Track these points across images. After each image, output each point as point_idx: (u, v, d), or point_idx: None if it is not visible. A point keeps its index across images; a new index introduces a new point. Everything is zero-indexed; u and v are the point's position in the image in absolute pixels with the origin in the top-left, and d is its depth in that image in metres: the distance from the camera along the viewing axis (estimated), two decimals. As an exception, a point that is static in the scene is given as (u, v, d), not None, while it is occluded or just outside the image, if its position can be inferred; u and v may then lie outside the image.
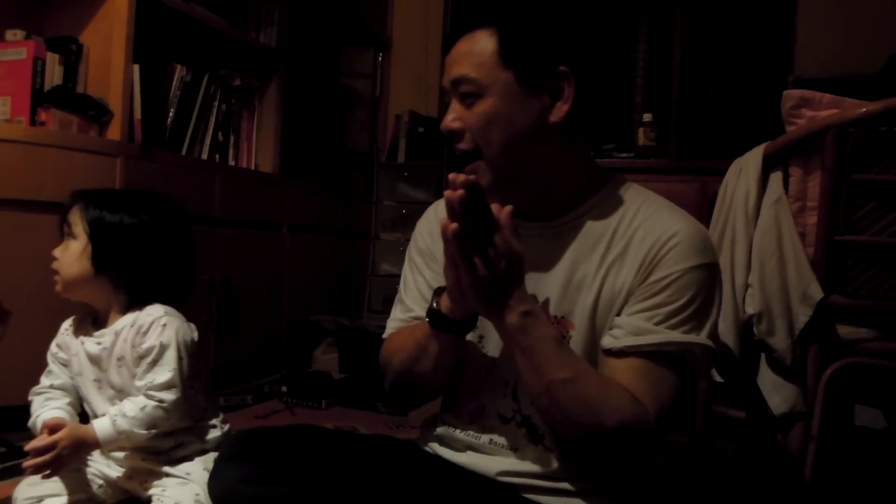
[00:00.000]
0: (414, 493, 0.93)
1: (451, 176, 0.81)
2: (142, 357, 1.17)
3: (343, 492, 0.87)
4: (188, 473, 1.18)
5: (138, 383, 1.16)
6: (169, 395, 1.14)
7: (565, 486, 0.93)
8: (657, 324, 0.88)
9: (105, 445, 1.14)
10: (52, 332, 1.82)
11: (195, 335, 1.24)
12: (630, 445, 0.87)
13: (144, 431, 1.13)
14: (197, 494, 1.13)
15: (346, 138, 3.54)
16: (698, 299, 0.89)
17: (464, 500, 0.94)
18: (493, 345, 0.99)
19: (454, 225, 0.80)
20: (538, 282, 0.95)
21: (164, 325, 1.18)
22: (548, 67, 0.90)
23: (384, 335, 1.11)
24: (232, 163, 2.62)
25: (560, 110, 0.91)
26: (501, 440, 0.97)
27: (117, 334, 1.20)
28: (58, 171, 1.83)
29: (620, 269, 0.92)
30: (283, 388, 2.35)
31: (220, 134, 2.54)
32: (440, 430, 1.04)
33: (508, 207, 0.84)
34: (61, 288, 1.22)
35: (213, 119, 2.50)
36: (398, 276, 1.15)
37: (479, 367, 1.00)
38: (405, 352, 1.00)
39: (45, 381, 1.27)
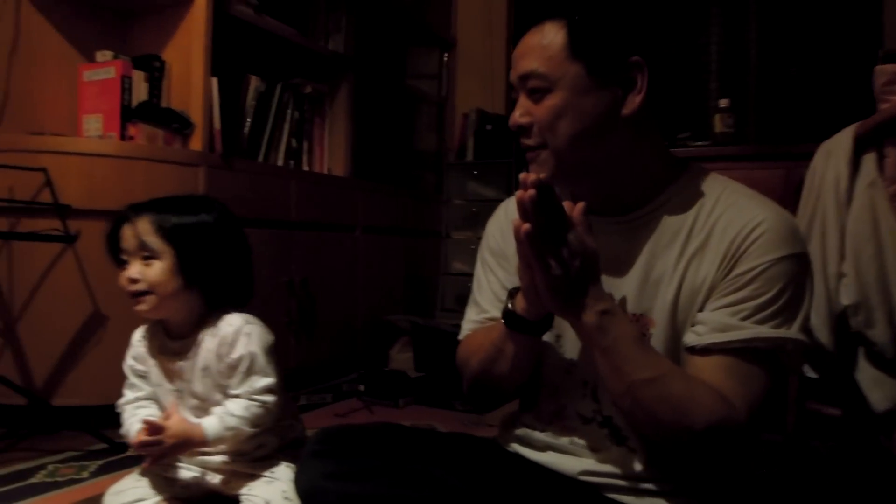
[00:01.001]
0: (494, 492, 0.92)
1: (522, 176, 0.79)
2: (232, 367, 1.20)
3: (423, 489, 0.88)
4: (273, 472, 1.22)
5: (236, 391, 1.20)
6: (269, 398, 1.19)
7: (649, 486, 0.90)
8: (743, 319, 0.84)
9: (213, 443, 1.17)
10: (146, 335, 1.93)
11: (272, 338, 1.26)
12: (720, 446, 0.84)
13: (250, 429, 1.17)
14: (284, 491, 1.16)
15: (414, 139, 3.58)
16: (788, 292, 0.84)
17: (545, 500, 0.93)
18: (570, 344, 0.97)
19: (526, 225, 0.79)
20: (614, 279, 0.92)
21: (248, 333, 1.21)
22: (619, 58, 0.87)
23: (460, 336, 1.11)
24: (306, 168, 2.69)
25: (633, 102, 0.88)
26: (583, 441, 0.95)
27: (199, 345, 1.22)
28: (146, 183, 1.92)
29: (701, 263, 0.88)
30: (361, 387, 2.39)
31: (293, 141, 2.62)
32: (519, 430, 1.03)
33: (581, 204, 0.83)
34: (152, 308, 1.20)
35: (286, 126, 2.58)
36: (470, 275, 1.15)
37: (558, 367, 0.98)
38: (482, 353, 1.00)
39: (129, 394, 1.30)
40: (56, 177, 1.78)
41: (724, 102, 2.35)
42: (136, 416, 1.25)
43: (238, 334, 1.20)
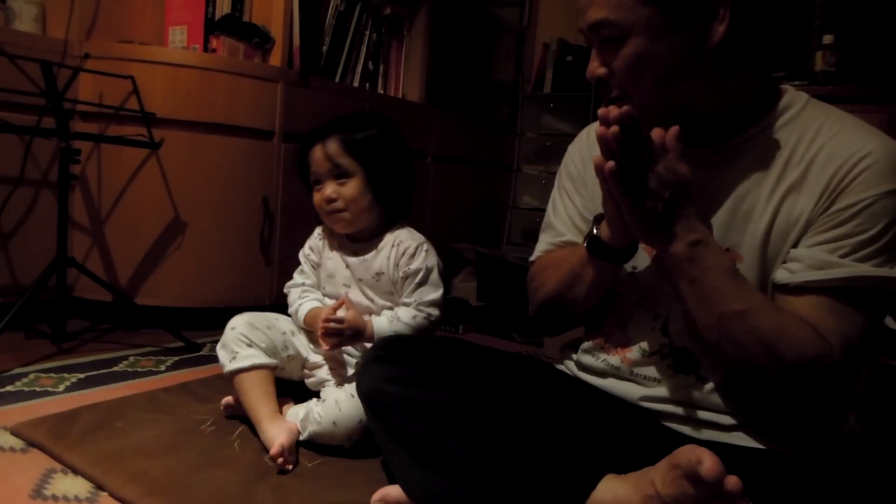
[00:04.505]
0: (552, 410, 0.93)
1: (602, 111, 0.77)
2: (407, 277, 1.30)
3: (481, 400, 0.89)
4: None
5: (407, 299, 1.30)
6: (435, 311, 1.29)
7: (708, 416, 0.89)
8: (843, 256, 0.79)
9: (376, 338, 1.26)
10: (222, 241, 2.01)
11: (441, 262, 1.36)
12: (810, 384, 0.80)
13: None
14: (353, 395, 1.21)
15: (491, 69, 3.49)
16: (894, 228, 0.79)
17: (604, 422, 0.93)
18: (645, 277, 0.95)
19: (610, 163, 0.77)
20: (701, 212, 0.87)
21: (426, 250, 1.32)
22: None
23: (531, 258, 1.11)
24: (381, 91, 2.68)
25: (717, 32, 0.80)
26: (644, 371, 0.95)
27: (379, 251, 1.33)
28: (227, 95, 1.96)
29: (799, 196, 0.83)
30: (423, 312, 2.44)
31: (370, 63, 2.60)
32: (581, 357, 1.04)
33: (674, 129, 0.79)
34: (347, 225, 1.31)
35: (364, 48, 2.56)
36: (539, 210, 1.15)
37: (630, 298, 0.97)
38: (558, 277, 0.99)
39: (298, 278, 1.43)
40: (142, 85, 1.84)
41: (828, 38, 2.17)
42: (304, 299, 1.38)
43: (419, 249, 1.31)
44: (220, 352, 1.30)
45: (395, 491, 0.95)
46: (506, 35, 3.51)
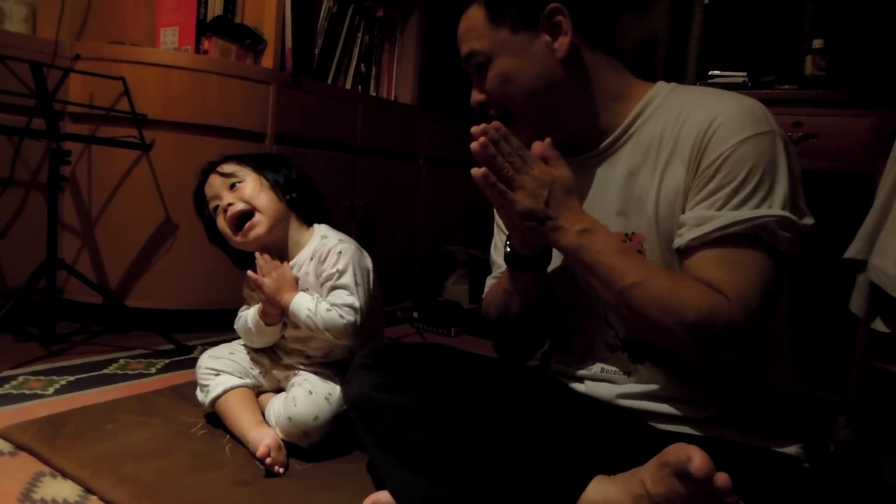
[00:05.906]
0: (537, 413, 0.94)
1: (473, 129, 0.85)
2: (323, 284, 1.26)
3: (469, 405, 0.89)
4: (330, 375, 1.27)
5: (325, 297, 1.26)
6: (349, 315, 1.22)
7: (682, 411, 0.91)
8: (719, 209, 0.84)
9: (290, 311, 1.23)
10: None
11: (368, 262, 1.32)
12: (716, 339, 0.81)
13: (321, 327, 1.21)
14: (329, 394, 1.21)
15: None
16: (758, 171, 0.83)
17: (590, 423, 0.94)
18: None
19: (482, 170, 0.85)
20: (603, 206, 0.96)
21: (340, 252, 1.26)
22: (536, 11, 0.93)
23: (483, 295, 1.16)
24: (373, 93, 2.68)
25: (562, 44, 0.93)
26: (612, 367, 0.98)
27: (300, 268, 1.29)
28: (218, 97, 1.96)
29: (674, 169, 0.89)
30: (415, 314, 2.44)
31: (362, 65, 2.60)
32: (555, 367, 1.06)
33: (547, 140, 0.89)
34: (265, 230, 1.26)
35: (356, 50, 2.56)
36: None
37: (578, 305, 1.01)
38: (497, 300, 1.07)
39: (248, 308, 1.38)
40: (133, 87, 1.83)
41: (818, 43, 2.19)
42: (248, 308, 1.36)
43: (331, 252, 1.26)
44: (198, 394, 1.31)
45: (385, 497, 0.95)
46: (498, 37, 3.51)
